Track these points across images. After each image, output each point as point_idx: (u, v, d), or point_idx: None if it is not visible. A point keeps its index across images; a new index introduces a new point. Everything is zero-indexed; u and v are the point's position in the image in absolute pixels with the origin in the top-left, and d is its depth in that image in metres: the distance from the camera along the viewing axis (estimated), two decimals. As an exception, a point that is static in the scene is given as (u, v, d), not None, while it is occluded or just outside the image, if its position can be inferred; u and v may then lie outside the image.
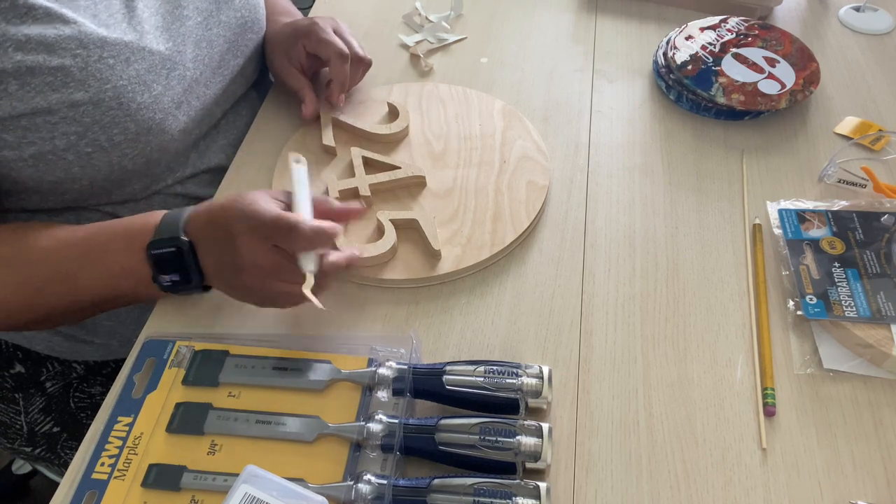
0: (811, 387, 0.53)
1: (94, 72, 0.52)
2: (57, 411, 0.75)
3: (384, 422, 0.47)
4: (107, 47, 0.53)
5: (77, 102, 0.52)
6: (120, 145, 0.56)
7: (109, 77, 0.53)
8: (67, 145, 0.54)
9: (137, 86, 0.55)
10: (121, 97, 0.54)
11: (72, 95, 0.52)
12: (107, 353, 0.74)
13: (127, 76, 0.54)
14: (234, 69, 0.68)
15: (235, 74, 0.68)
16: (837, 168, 0.66)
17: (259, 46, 0.72)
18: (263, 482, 0.41)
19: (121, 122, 0.55)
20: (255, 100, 0.77)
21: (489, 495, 0.43)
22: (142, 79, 0.55)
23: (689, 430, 0.50)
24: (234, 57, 0.67)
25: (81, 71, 0.52)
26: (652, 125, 0.73)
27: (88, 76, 0.52)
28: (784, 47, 0.76)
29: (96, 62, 0.53)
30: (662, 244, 0.62)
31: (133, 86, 0.55)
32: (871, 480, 0.48)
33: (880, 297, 0.55)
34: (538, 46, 0.83)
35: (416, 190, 0.65)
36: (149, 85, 0.56)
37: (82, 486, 0.47)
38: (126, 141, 0.56)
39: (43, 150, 0.53)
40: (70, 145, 0.54)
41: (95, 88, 0.53)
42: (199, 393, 0.51)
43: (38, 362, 0.73)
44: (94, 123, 0.54)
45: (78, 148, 0.54)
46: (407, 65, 0.81)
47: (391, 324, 0.57)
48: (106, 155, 0.56)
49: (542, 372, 0.49)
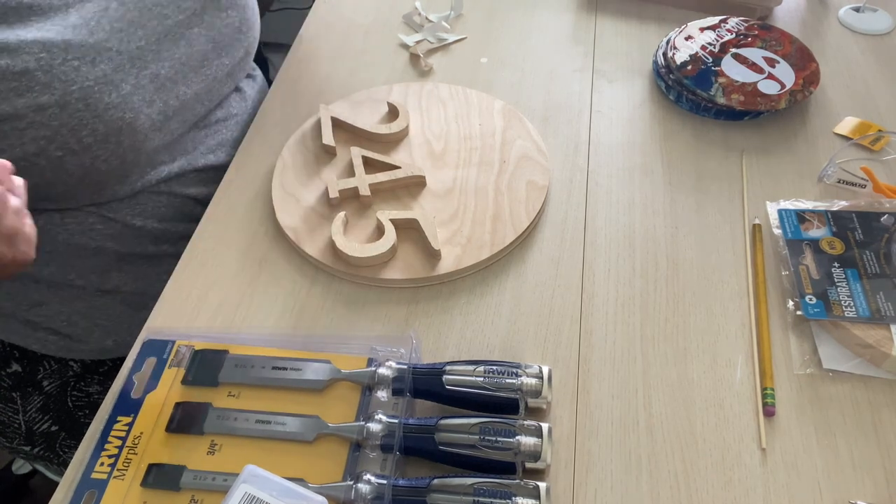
0: (811, 387, 0.53)
1: (59, 74, 0.52)
2: (55, 410, 0.75)
3: (384, 422, 0.47)
4: (71, 49, 0.53)
5: (43, 106, 0.52)
6: (91, 147, 0.55)
7: (75, 78, 0.53)
8: (38, 150, 0.53)
9: (105, 86, 0.54)
10: (87, 98, 0.53)
11: (37, 99, 0.51)
12: (102, 352, 0.74)
13: (93, 77, 0.54)
14: (219, 69, 0.67)
15: (221, 74, 0.68)
16: (837, 168, 0.66)
17: (250, 46, 0.72)
18: (263, 482, 0.41)
19: (89, 123, 0.54)
20: (252, 99, 0.77)
21: (489, 495, 0.43)
22: (108, 79, 0.55)
23: (689, 430, 0.50)
24: (217, 56, 0.66)
25: (46, 74, 0.51)
26: (652, 125, 0.73)
27: (53, 79, 0.52)
28: (784, 47, 0.76)
29: (60, 65, 0.52)
30: (662, 244, 0.62)
31: (100, 86, 0.54)
32: (871, 480, 0.48)
33: (880, 298, 0.55)
34: (538, 46, 0.83)
35: (416, 190, 0.65)
36: (117, 84, 0.55)
37: (82, 485, 0.47)
38: (97, 142, 0.55)
39: (14, 157, 0.52)
40: (40, 150, 0.53)
41: (61, 91, 0.52)
42: (199, 393, 0.51)
43: (35, 361, 0.73)
44: (62, 126, 0.53)
45: (48, 152, 0.53)
46: (407, 65, 0.81)
47: (391, 324, 0.57)
48: (77, 158, 0.55)
49: (542, 372, 0.49)
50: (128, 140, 0.57)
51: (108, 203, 0.63)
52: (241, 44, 0.69)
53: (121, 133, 0.56)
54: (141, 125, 0.58)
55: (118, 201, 0.63)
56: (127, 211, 0.64)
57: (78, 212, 0.62)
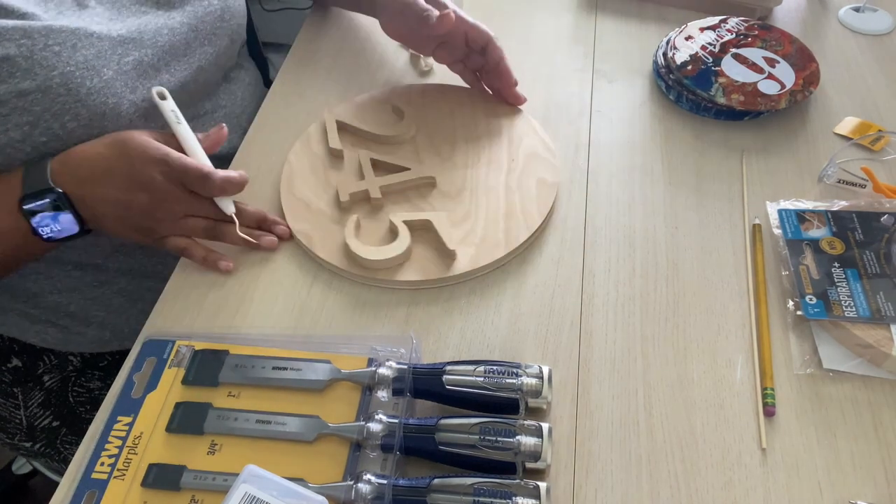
0: (811, 387, 0.53)
1: (40, 59, 0.53)
2: (56, 405, 0.75)
3: (384, 422, 0.47)
4: (52, 35, 0.53)
5: (25, 91, 0.52)
6: (75, 132, 0.56)
7: (56, 64, 0.53)
8: (23, 136, 0.54)
9: (86, 71, 0.55)
10: (69, 83, 0.54)
11: (19, 85, 0.52)
12: (100, 344, 0.74)
13: (74, 62, 0.54)
14: (203, 57, 0.67)
15: (206, 63, 0.68)
16: (837, 168, 0.66)
17: (234, 34, 0.72)
18: (263, 482, 0.41)
19: (71, 108, 0.55)
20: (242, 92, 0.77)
21: (489, 495, 0.43)
22: (90, 64, 0.55)
23: (689, 430, 0.50)
24: (201, 45, 0.66)
25: (27, 60, 0.52)
26: (652, 125, 0.73)
27: (34, 64, 0.52)
28: (784, 47, 0.76)
29: (41, 50, 0.53)
30: (662, 244, 0.62)
31: (81, 71, 0.55)
32: (871, 480, 0.48)
33: (880, 298, 0.55)
34: (538, 46, 0.83)
35: (426, 191, 0.65)
36: (98, 70, 0.56)
37: (82, 485, 0.47)
38: (80, 127, 0.56)
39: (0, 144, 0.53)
40: (25, 136, 0.54)
41: (42, 76, 0.53)
42: (199, 393, 0.51)
43: (35, 356, 0.73)
44: (45, 111, 0.54)
45: (33, 138, 0.54)
46: (407, 65, 0.81)
47: (391, 324, 0.57)
48: (62, 143, 0.56)
49: (542, 372, 0.49)
50: (112, 126, 0.58)
51: None
52: (225, 31, 0.69)
53: (104, 118, 0.57)
54: (125, 111, 0.58)
55: None
56: None
57: None
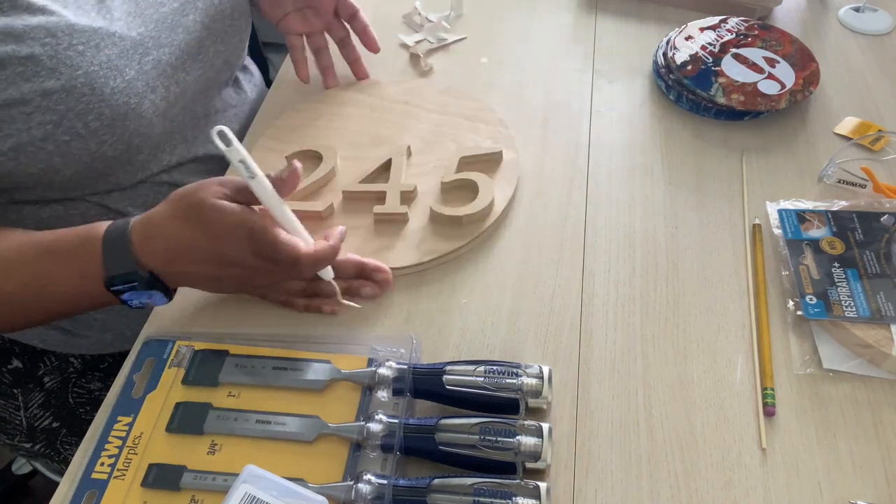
0: (811, 387, 0.53)
1: (65, 59, 0.53)
2: (56, 406, 0.75)
3: (384, 422, 0.47)
4: (76, 34, 0.53)
5: (49, 91, 0.52)
6: (97, 132, 0.56)
7: (80, 63, 0.53)
8: (45, 135, 0.54)
9: (109, 71, 0.55)
10: (93, 83, 0.54)
11: (43, 84, 0.52)
12: (101, 346, 0.74)
13: (98, 62, 0.54)
14: (216, 56, 0.68)
15: (218, 62, 0.68)
16: (837, 168, 0.66)
17: (243, 33, 0.72)
18: (263, 482, 0.41)
19: (95, 107, 0.55)
20: (248, 93, 0.77)
21: (489, 495, 0.43)
22: (113, 64, 0.55)
23: (689, 430, 0.50)
24: (213, 43, 0.67)
25: (51, 59, 0.52)
26: (652, 125, 0.73)
27: (59, 63, 0.52)
28: (784, 47, 0.76)
29: (66, 49, 0.53)
30: (662, 244, 0.62)
31: (105, 71, 0.55)
32: (871, 480, 0.48)
33: (880, 298, 0.55)
34: (538, 46, 0.83)
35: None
36: (121, 70, 0.56)
37: (82, 485, 0.47)
38: (103, 127, 0.56)
39: (21, 142, 0.53)
40: (48, 135, 0.54)
41: (67, 76, 0.53)
42: (199, 393, 0.51)
43: (35, 357, 0.73)
44: (69, 111, 0.54)
45: (55, 137, 0.54)
46: (407, 65, 0.81)
47: (391, 324, 0.57)
48: (84, 142, 0.56)
49: (542, 372, 0.49)
50: (133, 125, 0.58)
51: (109, 193, 0.63)
52: (235, 30, 0.70)
53: (126, 118, 0.57)
54: (146, 110, 0.59)
55: (120, 191, 0.64)
56: (128, 202, 0.64)
57: (80, 202, 0.62)
